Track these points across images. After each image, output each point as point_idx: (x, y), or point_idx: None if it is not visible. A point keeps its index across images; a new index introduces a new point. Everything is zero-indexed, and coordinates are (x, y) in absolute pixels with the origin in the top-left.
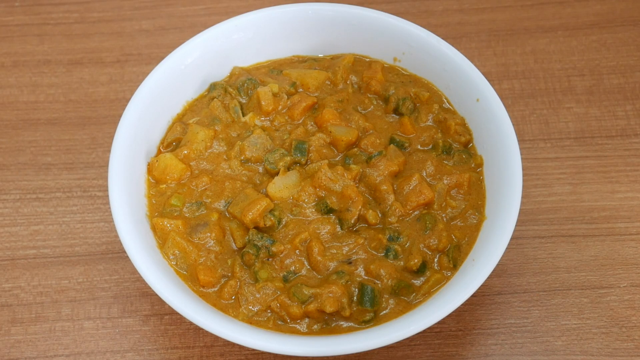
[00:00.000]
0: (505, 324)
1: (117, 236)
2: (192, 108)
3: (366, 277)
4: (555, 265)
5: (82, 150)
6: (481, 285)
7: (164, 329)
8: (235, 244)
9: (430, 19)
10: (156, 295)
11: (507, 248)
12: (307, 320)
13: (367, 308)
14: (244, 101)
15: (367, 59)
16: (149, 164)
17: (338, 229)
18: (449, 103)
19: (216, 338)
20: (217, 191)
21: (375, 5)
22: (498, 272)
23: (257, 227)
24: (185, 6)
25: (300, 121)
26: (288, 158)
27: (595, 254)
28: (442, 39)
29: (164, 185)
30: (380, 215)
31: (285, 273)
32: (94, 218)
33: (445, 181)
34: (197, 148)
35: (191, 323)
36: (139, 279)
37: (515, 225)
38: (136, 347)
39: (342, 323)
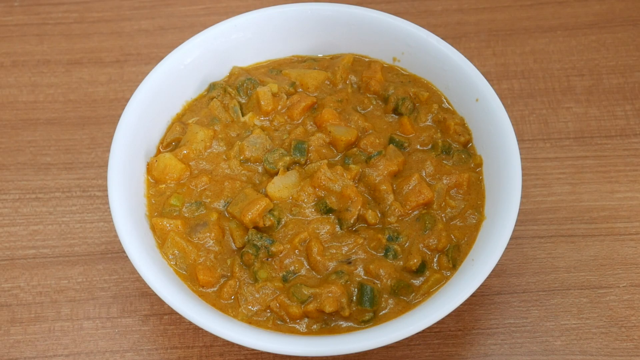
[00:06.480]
0: (504, 323)
1: (116, 236)
2: (192, 108)
3: (365, 277)
4: (554, 265)
5: (82, 150)
6: (480, 285)
7: (164, 329)
8: (234, 243)
9: (429, 18)
10: (155, 295)
11: (506, 248)
12: (306, 320)
13: (366, 308)
14: (243, 101)
15: (367, 59)
16: (148, 164)
17: (337, 228)
18: (449, 103)
19: (215, 338)
20: (216, 191)
21: (375, 5)
22: (497, 272)
23: (256, 227)
24: (185, 6)
25: (300, 121)
26: (287, 158)
27: (594, 253)
28: (442, 38)
29: (164, 185)
30: (379, 215)
31: (284, 273)
32: (94, 218)
33: (444, 181)
34: (196, 148)
35: (190, 323)
36: (139, 279)
37: (515, 225)
38: (135, 347)
39: (341, 323)
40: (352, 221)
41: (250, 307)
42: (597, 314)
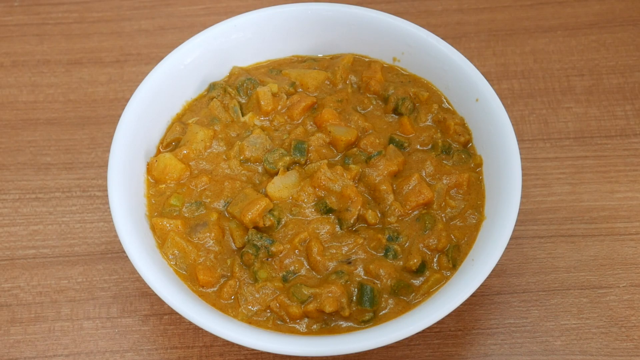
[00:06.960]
0: (504, 323)
1: (116, 236)
2: (192, 108)
3: (365, 277)
4: (554, 265)
5: (82, 150)
6: (480, 285)
7: (163, 329)
8: (234, 243)
9: (429, 18)
10: (155, 295)
11: (506, 248)
12: (306, 320)
13: (366, 308)
14: (243, 101)
15: (367, 59)
16: (148, 164)
17: (337, 228)
18: (449, 103)
19: (215, 338)
20: (216, 191)
21: (375, 5)
22: (497, 272)
23: (256, 227)
24: (185, 6)
25: (300, 121)
26: (287, 158)
27: (594, 253)
28: (442, 38)
29: (164, 185)
30: (379, 215)
31: (284, 273)
32: (94, 218)
33: (444, 181)
34: (196, 148)
35: (190, 323)
36: (139, 279)
37: (515, 225)
38: (135, 347)
39: (341, 323)
40: (352, 221)
41: (250, 307)
42: (597, 314)
